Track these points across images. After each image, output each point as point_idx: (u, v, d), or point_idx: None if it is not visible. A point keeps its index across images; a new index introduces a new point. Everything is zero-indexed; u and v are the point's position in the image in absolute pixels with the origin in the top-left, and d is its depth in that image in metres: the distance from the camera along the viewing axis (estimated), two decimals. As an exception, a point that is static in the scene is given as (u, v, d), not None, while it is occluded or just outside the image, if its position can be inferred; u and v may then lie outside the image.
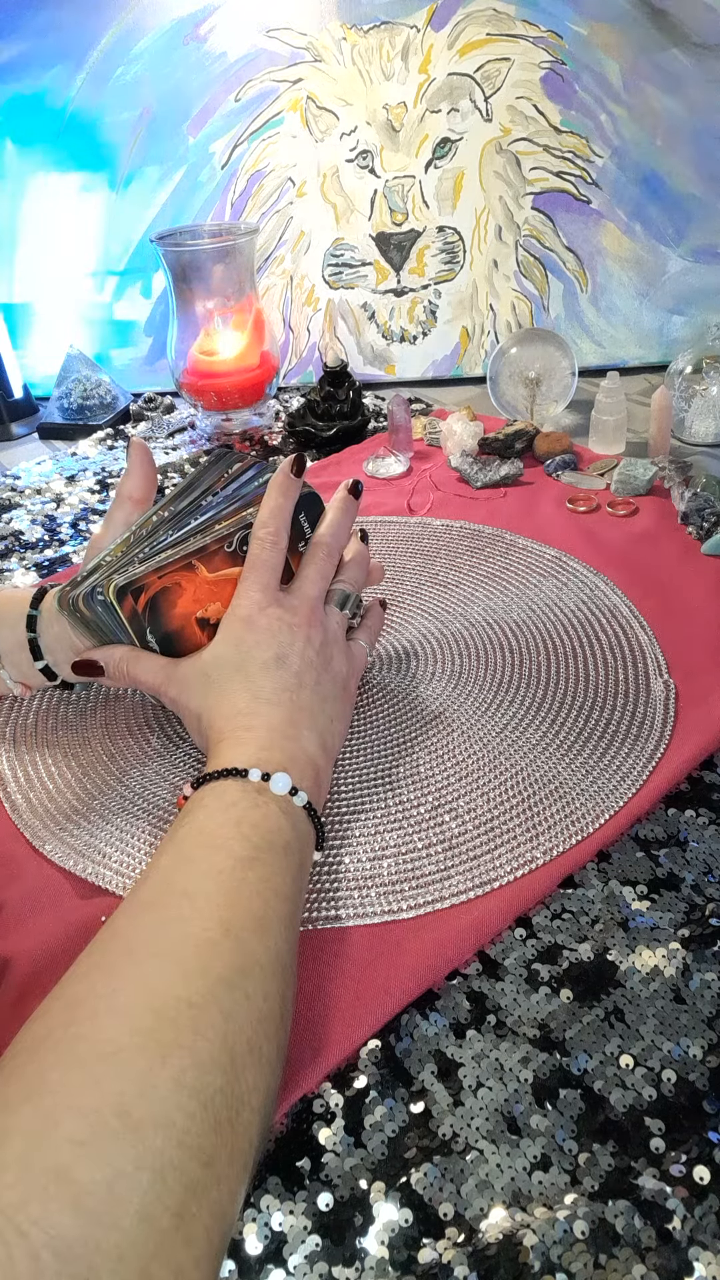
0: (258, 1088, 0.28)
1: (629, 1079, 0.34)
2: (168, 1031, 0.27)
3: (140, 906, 0.33)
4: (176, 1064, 0.26)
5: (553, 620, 0.59)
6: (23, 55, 1.01)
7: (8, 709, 0.56)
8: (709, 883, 0.41)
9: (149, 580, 0.45)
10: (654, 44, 0.96)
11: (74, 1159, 0.23)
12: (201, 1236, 0.24)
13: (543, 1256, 0.29)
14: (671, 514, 0.71)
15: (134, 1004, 0.28)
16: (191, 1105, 0.26)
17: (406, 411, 0.84)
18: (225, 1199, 0.26)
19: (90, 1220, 0.22)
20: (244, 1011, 0.29)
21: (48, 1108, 0.25)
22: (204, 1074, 0.27)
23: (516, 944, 0.39)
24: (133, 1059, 0.26)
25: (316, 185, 1.03)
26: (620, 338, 1.05)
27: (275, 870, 0.35)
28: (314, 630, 0.46)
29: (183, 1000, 0.28)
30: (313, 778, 0.41)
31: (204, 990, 0.29)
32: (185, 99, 1.02)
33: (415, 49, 0.98)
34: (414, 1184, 0.31)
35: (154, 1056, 0.26)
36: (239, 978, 0.30)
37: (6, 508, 0.85)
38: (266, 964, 0.31)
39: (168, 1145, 0.25)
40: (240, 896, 0.33)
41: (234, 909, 0.32)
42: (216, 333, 0.94)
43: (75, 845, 0.45)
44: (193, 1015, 0.28)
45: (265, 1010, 0.30)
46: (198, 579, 0.46)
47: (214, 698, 0.44)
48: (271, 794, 0.38)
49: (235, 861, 0.34)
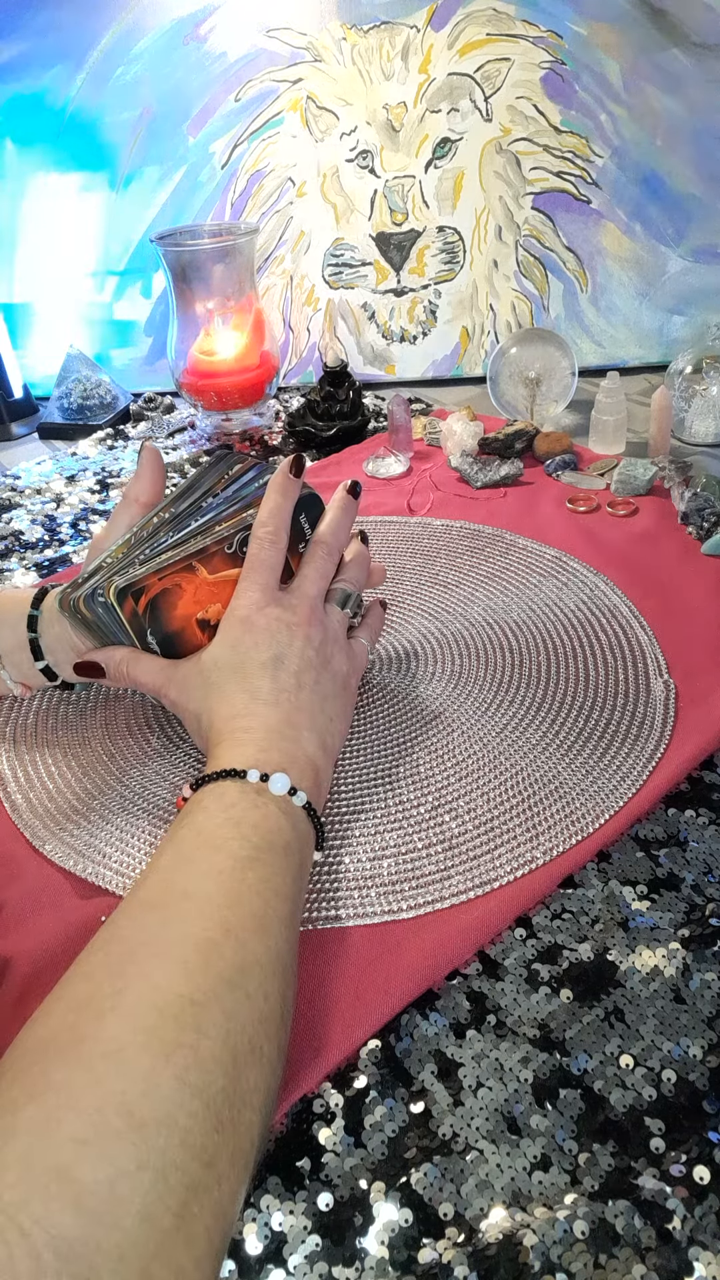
0: (259, 1087, 0.28)
1: (629, 1079, 0.34)
2: (170, 1029, 0.27)
3: (141, 907, 0.33)
4: (180, 1062, 0.26)
5: (553, 620, 0.59)
6: (23, 55, 1.01)
7: (8, 709, 0.56)
8: (709, 883, 0.41)
9: (149, 582, 0.45)
10: (654, 44, 0.96)
11: (76, 1158, 0.23)
12: (202, 1236, 0.24)
13: (543, 1256, 0.29)
14: (671, 514, 0.71)
15: (138, 1003, 0.28)
16: (194, 1105, 0.26)
17: (406, 411, 0.84)
18: (226, 1199, 0.26)
19: (92, 1220, 0.22)
20: (245, 1011, 0.29)
21: (50, 1107, 0.25)
22: (206, 1073, 0.27)
23: (516, 944, 0.39)
24: (136, 1057, 0.26)
25: (316, 185, 1.03)
26: (620, 338, 1.05)
27: (275, 870, 0.35)
28: (313, 629, 0.46)
29: (185, 998, 0.28)
30: (312, 778, 0.41)
31: (206, 989, 0.29)
32: (185, 99, 1.02)
33: (415, 49, 0.98)
34: (414, 1184, 0.31)
35: (157, 1055, 0.26)
36: (240, 977, 0.30)
37: (6, 508, 0.85)
38: (267, 963, 0.31)
39: (170, 1145, 0.25)
40: (240, 896, 0.33)
41: (234, 909, 0.32)
42: (216, 333, 0.94)
43: (75, 845, 0.45)
44: (195, 1013, 0.28)
45: (266, 1010, 0.30)
46: (198, 580, 0.46)
47: (213, 699, 0.44)
48: (271, 794, 0.38)
49: (235, 862, 0.34)
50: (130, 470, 0.91)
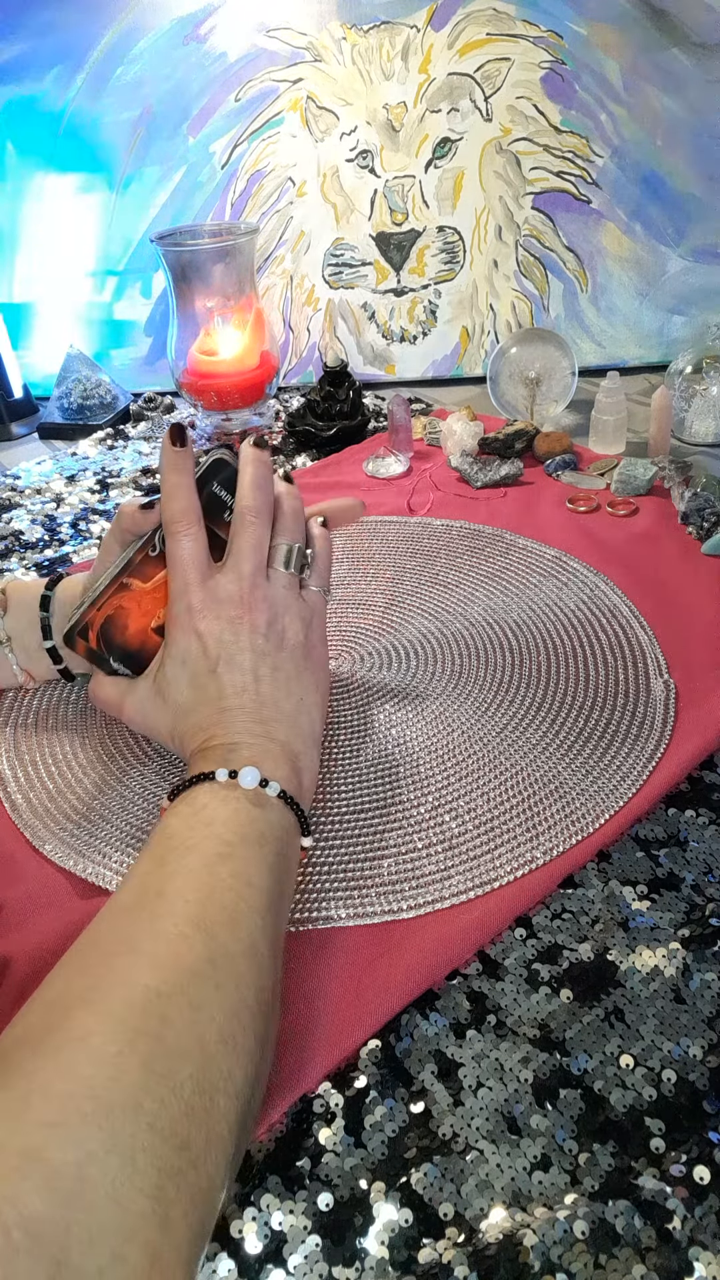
0: (234, 1075, 0.28)
1: (629, 1079, 0.34)
2: (136, 1019, 0.28)
3: (116, 911, 0.34)
4: (145, 1049, 0.27)
5: (553, 620, 0.59)
6: (23, 55, 1.01)
7: (8, 709, 0.56)
8: (709, 883, 0.41)
9: (90, 617, 0.45)
10: (654, 44, 0.96)
11: (45, 1141, 0.24)
12: (180, 1221, 0.25)
13: (543, 1256, 0.29)
14: (671, 514, 0.71)
15: (106, 997, 0.28)
16: (160, 1090, 0.26)
17: (406, 411, 0.84)
18: (204, 1184, 0.26)
19: (61, 1201, 0.23)
20: (215, 1001, 0.29)
21: (21, 1092, 0.25)
22: (172, 1061, 0.27)
23: (516, 944, 0.39)
24: (103, 1045, 0.27)
25: (316, 185, 1.03)
26: (620, 338, 1.05)
27: (248, 863, 0.35)
28: (257, 614, 0.44)
29: (151, 990, 0.29)
30: (289, 766, 0.41)
31: (172, 981, 0.29)
32: (185, 99, 1.02)
33: (415, 49, 0.98)
34: (414, 1184, 0.31)
35: (123, 1043, 0.27)
36: (208, 969, 0.30)
37: (6, 508, 0.85)
38: (239, 954, 0.31)
39: (138, 1129, 0.25)
40: (212, 892, 0.33)
41: (205, 905, 0.32)
42: (216, 333, 0.94)
43: (75, 845, 0.45)
44: (161, 1004, 0.28)
45: (238, 999, 0.30)
46: (137, 594, 0.46)
47: (177, 719, 0.44)
48: (242, 789, 0.38)
49: (207, 859, 0.34)
50: (130, 470, 0.91)
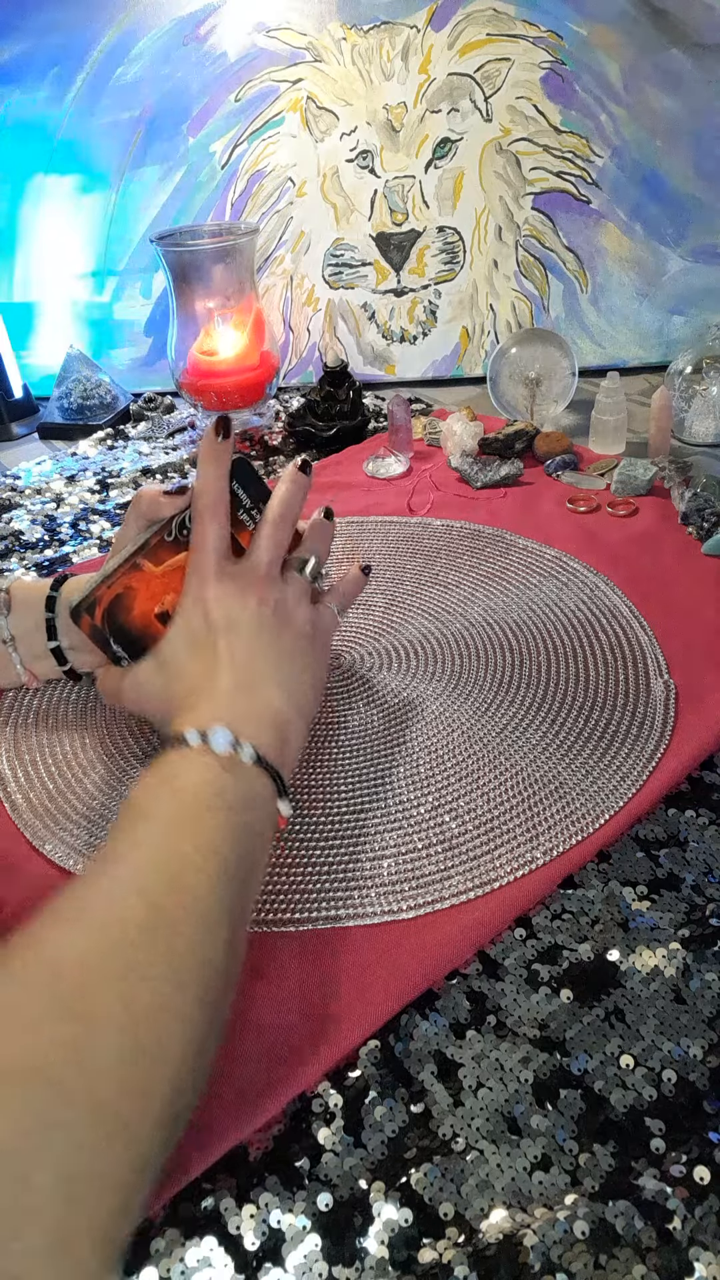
0: (169, 1043, 0.28)
1: (629, 1079, 0.34)
2: (62, 986, 0.27)
3: (72, 883, 0.33)
4: (68, 1024, 0.27)
5: (553, 620, 0.59)
6: (23, 55, 1.01)
7: (8, 709, 0.56)
8: (709, 883, 0.41)
9: (99, 593, 0.45)
10: (654, 44, 0.96)
11: None
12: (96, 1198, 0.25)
13: (543, 1257, 0.29)
14: (671, 514, 0.71)
15: (35, 964, 0.28)
16: (76, 1057, 0.26)
17: (406, 411, 0.84)
18: (131, 1156, 0.26)
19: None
20: (151, 967, 0.29)
21: None
22: (96, 1027, 0.27)
23: (516, 944, 0.39)
24: (25, 1010, 0.26)
25: (316, 185, 1.03)
26: (620, 338, 1.05)
27: (208, 827, 0.34)
28: (267, 591, 0.45)
29: (77, 962, 0.28)
30: (274, 730, 0.40)
31: (102, 949, 0.29)
32: (185, 99, 1.02)
33: (415, 49, 0.98)
34: (414, 1184, 0.31)
35: (42, 1010, 0.27)
36: (143, 936, 0.30)
37: (6, 508, 0.85)
38: (182, 920, 0.31)
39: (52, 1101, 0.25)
40: (160, 859, 0.33)
41: (151, 873, 0.32)
42: (216, 333, 0.94)
43: (75, 845, 0.45)
44: (82, 976, 0.28)
45: (179, 965, 0.30)
46: (147, 576, 0.46)
47: (173, 684, 0.43)
48: (214, 754, 0.37)
49: (161, 825, 0.34)
50: (130, 470, 0.91)
